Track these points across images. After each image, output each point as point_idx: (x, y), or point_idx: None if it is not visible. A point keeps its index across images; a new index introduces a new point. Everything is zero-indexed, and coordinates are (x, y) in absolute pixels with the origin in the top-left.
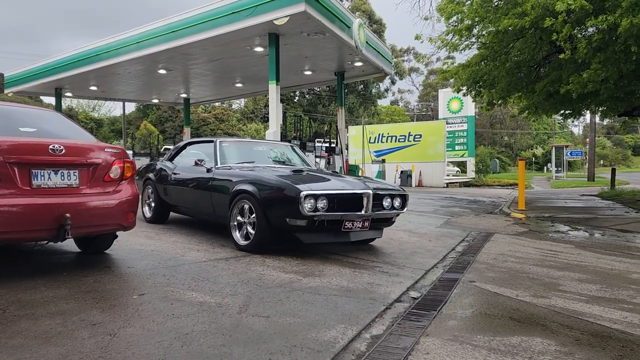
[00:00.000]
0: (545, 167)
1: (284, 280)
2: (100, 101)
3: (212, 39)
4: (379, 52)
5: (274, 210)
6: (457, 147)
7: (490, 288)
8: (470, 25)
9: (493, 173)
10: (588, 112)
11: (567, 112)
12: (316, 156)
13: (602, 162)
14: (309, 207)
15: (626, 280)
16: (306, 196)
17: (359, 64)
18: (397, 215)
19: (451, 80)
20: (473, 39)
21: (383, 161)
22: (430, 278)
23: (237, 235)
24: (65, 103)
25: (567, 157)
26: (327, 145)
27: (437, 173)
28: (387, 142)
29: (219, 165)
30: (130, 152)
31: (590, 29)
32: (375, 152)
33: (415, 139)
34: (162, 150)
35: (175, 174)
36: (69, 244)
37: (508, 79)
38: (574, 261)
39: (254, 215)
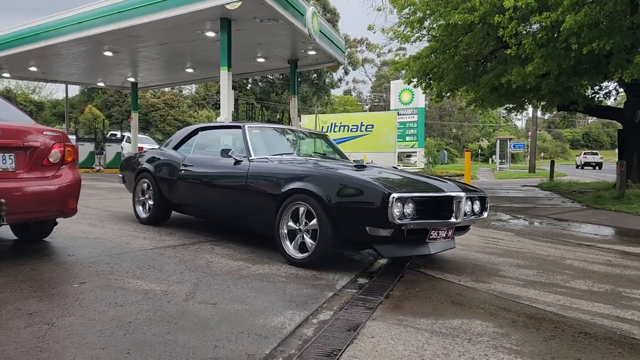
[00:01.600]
0: (490, 159)
1: (232, 267)
2: (41, 83)
3: (161, 22)
4: (332, 41)
5: (348, 216)
6: (407, 138)
7: (435, 274)
8: (422, 18)
9: (441, 164)
10: (530, 106)
11: (510, 105)
12: None
13: (542, 154)
14: (398, 213)
15: (561, 266)
16: (397, 199)
17: (312, 52)
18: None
19: (403, 72)
20: (424, 32)
21: None
22: (378, 265)
23: (288, 246)
24: (3, 84)
25: (511, 149)
26: None
27: (388, 163)
28: (339, 131)
29: (253, 157)
30: (73, 137)
31: (535, 26)
32: None
33: (368, 129)
34: (107, 135)
35: (186, 166)
36: (5, 231)
37: (456, 72)
38: (514, 248)
39: (314, 221)
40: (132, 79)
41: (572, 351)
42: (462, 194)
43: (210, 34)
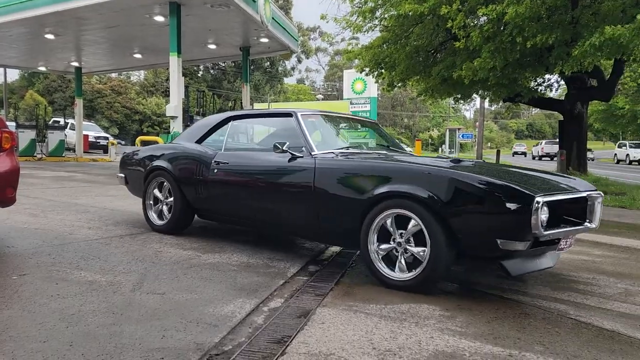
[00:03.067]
0: (440, 149)
1: (182, 257)
2: None
3: (108, 4)
4: (285, 29)
5: (471, 227)
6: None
7: None
8: (374, 8)
9: None
10: (478, 97)
11: (459, 96)
12: None
13: (489, 144)
14: (543, 220)
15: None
16: (543, 204)
17: (264, 40)
18: None
19: (355, 61)
20: (376, 22)
21: None
22: (329, 252)
23: (381, 266)
24: None
25: (460, 139)
26: None
27: None
28: None
29: (316, 151)
30: (12, 124)
31: (482, 18)
32: None
33: None
34: (50, 122)
35: (220, 164)
36: None
37: (407, 62)
38: None
39: (413, 229)
40: (76, 64)
41: (512, 331)
42: (599, 193)
43: (159, 18)
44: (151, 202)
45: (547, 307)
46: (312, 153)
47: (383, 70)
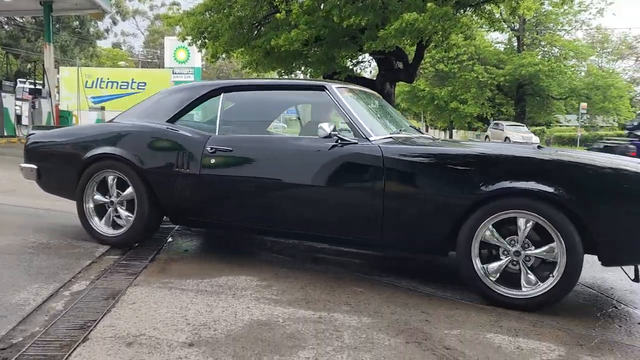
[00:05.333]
0: None
1: None
2: None
3: None
4: None
5: (628, 231)
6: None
7: (205, 231)
8: None
9: None
10: (299, 72)
11: (282, 70)
12: (17, 99)
13: None
14: None
15: None
16: None
17: None
18: None
19: (177, 28)
20: None
21: (102, 108)
22: None
23: (496, 285)
24: None
25: (285, 114)
26: (32, 86)
27: None
28: (107, 87)
29: (373, 136)
30: None
31: None
32: (93, 98)
33: (140, 87)
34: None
35: (218, 152)
36: None
37: (231, 33)
38: None
39: (552, 244)
40: None
41: (324, 295)
42: None
43: None
44: (92, 205)
45: (356, 269)
46: (371, 138)
47: (207, 40)
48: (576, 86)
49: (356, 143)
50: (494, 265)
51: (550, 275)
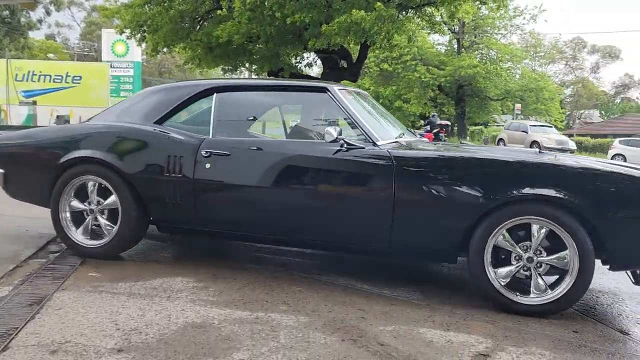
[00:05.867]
0: None
1: None
2: None
3: None
4: None
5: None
6: (122, 93)
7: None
8: None
9: None
10: (244, 69)
11: (227, 67)
12: None
13: None
14: None
15: None
16: None
17: None
18: None
19: (116, 21)
20: None
21: (34, 103)
22: None
23: (505, 291)
24: None
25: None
26: None
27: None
28: (39, 81)
29: (381, 141)
30: None
31: None
32: (24, 92)
33: (75, 81)
34: None
35: (214, 156)
36: None
37: (171, 27)
38: None
39: (565, 251)
40: None
41: (262, 295)
42: None
43: None
44: (68, 215)
45: (296, 268)
46: (378, 143)
47: (146, 34)
48: (511, 88)
49: (363, 148)
50: (503, 270)
51: (562, 281)
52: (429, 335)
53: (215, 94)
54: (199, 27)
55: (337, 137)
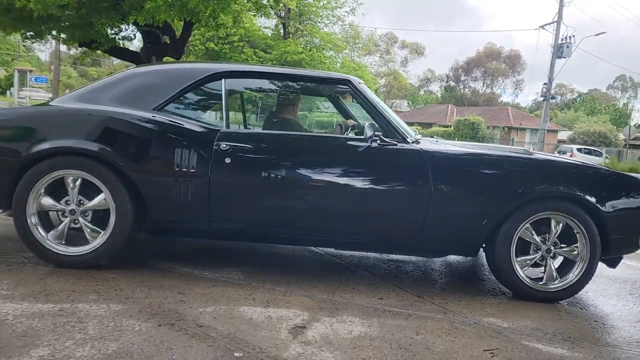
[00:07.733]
0: (8, 91)
1: None
2: None
3: None
4: None
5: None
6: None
7: None
8: None
9: None
10: (51, 38)
11: (28, 33)
12: None
13: (67, 90)
14: None
15: None
16: None
17: None
18: None
19: None
20: None
21: None
22: None
23: (528, 280)
24: None
25: (32, 82)
26: None
27: None
28: None
29: (413, 137)
30: None
31: None
32: None
33: None
34: None
35: (234, 150)
36: None
37: None
38: None
39: (577, 243)
40: None
41: (68, 285)
42: None
43: None
44: (37, 219)
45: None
46: (408, 139)
47: None
48: None
49: (396, 145)
50: (524, 259)
51: (572, 271)
52: (249, 312)
53: (223, 80)
54: None
55: (374, 134)
